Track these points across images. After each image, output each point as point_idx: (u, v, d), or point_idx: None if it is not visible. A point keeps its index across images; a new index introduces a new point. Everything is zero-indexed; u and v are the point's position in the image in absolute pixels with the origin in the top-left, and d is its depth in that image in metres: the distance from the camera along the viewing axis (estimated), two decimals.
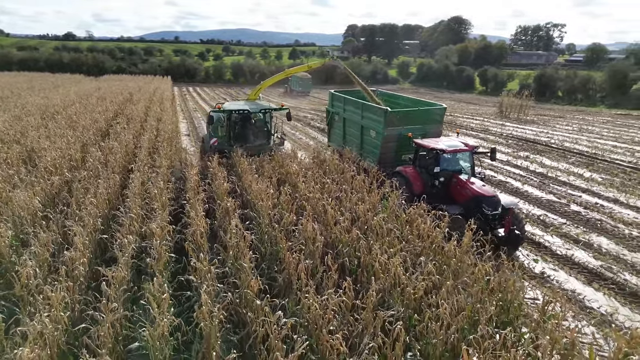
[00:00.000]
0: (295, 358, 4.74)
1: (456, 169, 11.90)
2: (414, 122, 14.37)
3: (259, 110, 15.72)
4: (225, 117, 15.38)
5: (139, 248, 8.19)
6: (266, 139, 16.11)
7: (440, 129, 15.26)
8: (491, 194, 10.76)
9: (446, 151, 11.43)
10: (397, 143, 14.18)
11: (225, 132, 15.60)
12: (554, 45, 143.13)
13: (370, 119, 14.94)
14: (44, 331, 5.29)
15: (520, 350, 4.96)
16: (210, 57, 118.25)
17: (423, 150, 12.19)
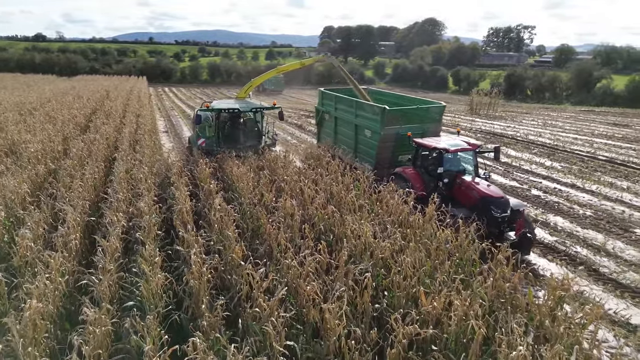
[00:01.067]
0: (276, 302, 5.41)
1: (459, 169, 11.19)
2: (412, 120, 13.73)
3: (249, 109, 14.78)
4: (214, 117, 14.43)
5: (128, 227, 8.71)
6: (257, 140, 15.22)
7: (439, 127, 14.59)
8: (500, 195, 10.07)
9: (449, 150, 10.76)
10: (395, 143, 13.47)
11: (213, 133, 14.58)
12: (524, 46, 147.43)
13: (365, 117, 14.26)
14: (46, 290, 5.81)
15: (469, 290, 5.79)
16: (186, 58, 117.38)
17: (424, 150, 11.53)
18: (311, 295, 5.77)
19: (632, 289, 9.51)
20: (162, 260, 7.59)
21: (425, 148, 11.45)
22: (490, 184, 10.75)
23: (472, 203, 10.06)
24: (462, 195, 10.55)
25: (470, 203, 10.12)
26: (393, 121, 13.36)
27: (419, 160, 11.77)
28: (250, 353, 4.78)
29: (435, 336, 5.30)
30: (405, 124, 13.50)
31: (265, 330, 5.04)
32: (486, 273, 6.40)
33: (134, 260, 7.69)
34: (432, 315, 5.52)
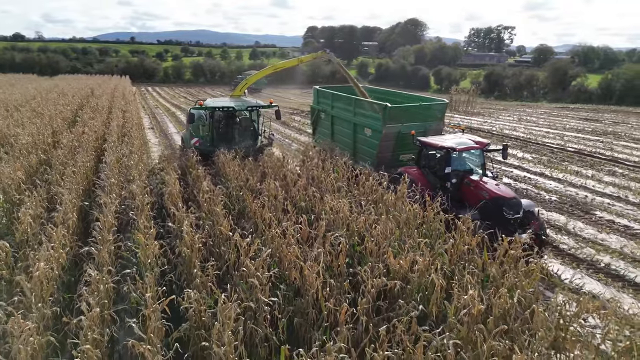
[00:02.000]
0: (261, 261, 6.10)
1: (467, 169, 10.85)
2: (414, 118, 13.24)
3: (245, 108, 14.05)
4: (208, 115, 13.90)
5: (121, 209, 9.28)
6: (253, 140, 14.61)
7: (441, 125, 14.13)
8: (512, 196, 9.73)
9: (457, 149, 10.33)
10: (396, 142, 13.08)
11: (207, 132, 14.03)
12: (505, 46, 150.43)
13: (365, 115, 13.82)
14: (50, 258, 6.39)
15: (437, 250, 6.60)
16: (169, 58, 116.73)
17: (429, 149, 11.08)
18: (292, 258, 6.46)
19: (587, 262, 10.45)
20: (155, 235, 8.21)
21: (430, 147, 10.94)
22: (499, 183, 10.38)
23: (482, 203, 9.40)
24: (470, 196, 10.02)
25: (477, 203, 9.43)
26: (394, 119, 12.85)
27: (423, 159, 11.26)
28: (238, 303, 5.44)
29: (401, 289, 6.04)
30: (407, 122, 12.96)
31: (252, 283, 5.72)
32: (448, 239, 7.21)
33: (128, 237, 8.29)
34: (399, 273, 6.27)
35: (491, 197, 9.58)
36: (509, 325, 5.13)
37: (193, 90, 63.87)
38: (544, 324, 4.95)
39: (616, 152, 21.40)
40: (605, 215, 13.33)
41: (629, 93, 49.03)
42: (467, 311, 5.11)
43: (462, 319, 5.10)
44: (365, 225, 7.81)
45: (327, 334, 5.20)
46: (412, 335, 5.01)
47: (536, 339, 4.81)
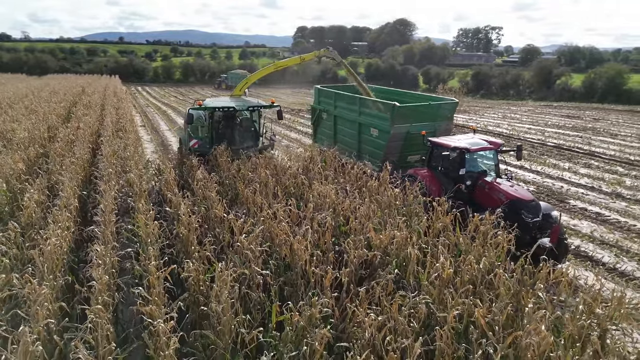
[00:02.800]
0: (254, 237, 6.68)
1: (480, 170, 10.50)
2: (423, 118, 12.81)
3: (246, 108, 13.50)
4: (207, 116, 13.33)
5: (120, 197, 9.78)
6: (254, 141, 14.04)
7: (450, 125, 13.72)
8: (530, 198, 9.38)
9: (471, 150, 10.02)
10: (404, 142, 12.63)
11: (207, 133, 13.44)
12: (493, 47, 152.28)
13: (371, 115, 13.36)
14: (58, 236, 6.89)
15: (414, 227, 7.25)
16: (158, 58, 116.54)
17: (441, 150, 10.55)
18: (283, 235, 7.04)
19: None
20: (154, 217, 8.74)
21: (442, 148, 10.49)
22: (514, 184, 10.11)
23: (496, 206, 8.85)
24: (485, 198, 9.65)
25: (494, 206, 8.89)
26: (403, 119, 12.42)
27: (434, 161, 10.86)
28: (234, 270, 6.00)
29: (381, 260, 6.66)
30: (415, 122, 12.54)
31: (246, 254, 6.30)
32: (425, 219, 7.87)
33: (128, 222, 8.81)
34: (379, 247, 6.90)
35: (508, 200, 9.14)
36: (476, 287, 5.78)
37: (183, 89, 64.11)
38: (505, 284, 5.60)
39: (593, 147, 22.31)
40: (579, 204, 14.11)
41: (610, 91, 50.41)
42: (438, 275, 5.75)
43: (434, 282, 5.74)
44: (350, 208, 8.41)
45: (314, 297, 5.77)
46: (389, 295, 5.63)
47: (498, 297, 5.45)
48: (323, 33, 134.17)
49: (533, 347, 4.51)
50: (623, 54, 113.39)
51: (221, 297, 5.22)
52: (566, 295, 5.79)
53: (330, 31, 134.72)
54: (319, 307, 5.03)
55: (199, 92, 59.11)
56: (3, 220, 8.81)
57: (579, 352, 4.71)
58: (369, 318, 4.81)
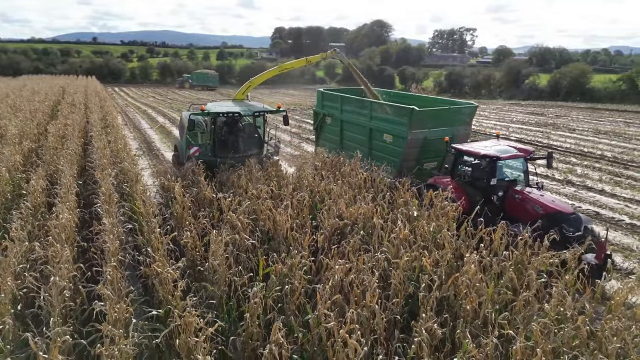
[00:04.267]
0: (241, 212, 7.76)
1: (510, 180, 9.86)
2: (441, 123, 12.15)
3: (252, 113, 12.69)
4: (210, 122, 12.37)
5: (115, 184, 10.69)
6: (258, 148, 13.14)
7: (468, 130, 13.14)
8: (570, 211, 8.86)
9: (501, 158, 9.38)
10: (421, 149, 11.98)
11: (208, 140, 12.43)
12: (467, 48, 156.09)
13: (385, 120, 12.61)
14: (66, 209, 7.83)
15: (379, 201, 8.47)
16: (134, 59, 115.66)
17: (468, 158, 10.03)
18: (266, 211, 8.15)
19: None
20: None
21: (469, 155, 9.94)
22: (548, 194, 9.80)
23: (532, 219, 8.13)
24: (517, 210, 9.02)
25: (528, 219, 8.23)
26: (421, 124, 11.78)
27: (458, 169, 10.26)
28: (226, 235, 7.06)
29: (351, 228, 7.85)
30: (433, 127, 11.94)
31: (235, 225, 7.38)
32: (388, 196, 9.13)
33: (123, 206, 9.75)
34: (350, 218, 8.08)
35: (547, 213, 8.56)
36: (427, 245, 7.02)
37: (161, 90, 64.16)
38: (449, 242, 6.87)
39: (552, 140, 24.10)
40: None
41: (574, 90, 53.19)
42: (395, 235, 6.96)
43: (392, 241, 6.95)
44: (325, 188, 9.57)
45: (294, 251, 6.88)
46: (356, 252, 6.80)
47: (441, 251, 6.71)
48: (301, 34, 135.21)
49: (467, 283, 5.74)
50: (592, 55, 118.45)
51: (217, 254, 6.29)
52: None
53: (308, 32, 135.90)
54: (298, 258, 6.16)
55: (177, 92, 59.42)
56: (7, 206, 9.63)
57: (499, 283, 6.03)
58: (339, 265, 5.97)
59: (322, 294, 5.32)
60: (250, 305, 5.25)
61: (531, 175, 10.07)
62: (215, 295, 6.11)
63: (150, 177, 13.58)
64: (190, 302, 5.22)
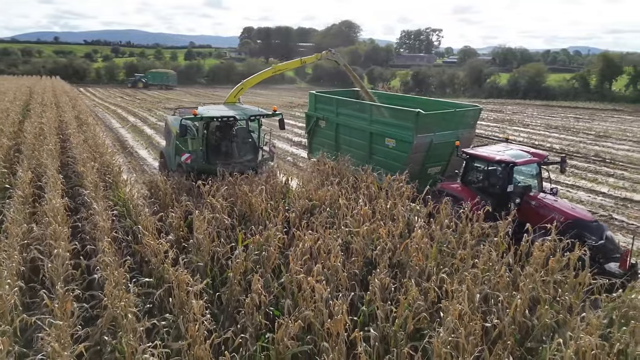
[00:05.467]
0: (221, 194, 8.65)
1: (525, 185, 9.62)
2: (446, 126, 11.72)
3: (248, 117, 11.84)
4: (202, 126, 11.57)
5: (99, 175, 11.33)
6: (253, 153, 12.48)
7: (473, 134, 12.75)
8: (592, 218, 8.61)
9: (518, 163, 9.10)
10: (426, 154, 11.52)
11: (201, 146, 11.58)
12: (434, 48, 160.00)
13: (387, 124, 12.14)
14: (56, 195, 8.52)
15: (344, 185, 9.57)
16: (99, 59, 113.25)
17: (482, 164, 9.73)
18: (242, 194, 9.06)
19: None
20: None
21: (482, 160, 9.65)
22: (564, 201, 9.65)
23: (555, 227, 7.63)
24: (533, 217, 8.48)
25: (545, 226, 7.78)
26: (426, 128, 11.32)
27: (470, 175, 9.99)
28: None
29: (319, 209, 8.87)
30: (439, 130, 11.50)
31: (215, 206, 8.28)
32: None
33: (110, 194, 10.43)
34: (318, 200, 9.11)
35: (567, 220, 8.19)
36: (384, 221, 8.13)
37: (128, 90, 63.46)
38: (402, 214, 8.00)
39: (506, 135, 25.87)
40: None
41: (531, 88, 56.17)
42: (357, 212, 8.04)
43: (355, 216, 8.02)
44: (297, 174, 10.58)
45: (269, 224, 7.83)
46: (323, 226, 7.82)
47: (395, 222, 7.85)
48: (270, 34, 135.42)
49: (416, 247, 6.86)
50: (552, 55, 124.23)
51: (200, 229, 7.18)
52: None
53: (277, 32, 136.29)
54: (273, 230, 7.13)
55: (146, 93, 58.99)
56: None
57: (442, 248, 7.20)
58: (308, 236, 6.98)
59: (294, 256, 6.31)
60: (233, 266, 6.18)
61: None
62: (200, 265, 6.99)
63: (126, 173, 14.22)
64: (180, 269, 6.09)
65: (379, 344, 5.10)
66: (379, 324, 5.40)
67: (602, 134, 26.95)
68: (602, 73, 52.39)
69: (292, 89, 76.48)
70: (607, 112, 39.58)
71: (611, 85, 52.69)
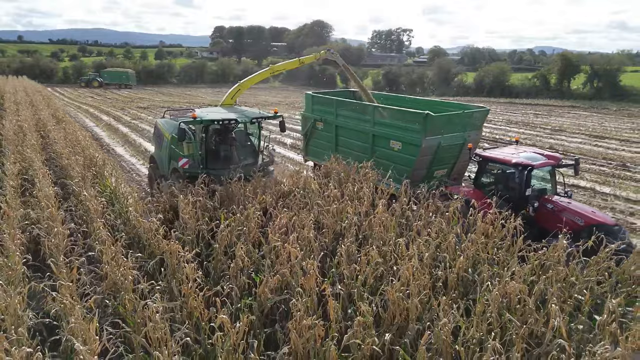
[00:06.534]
0: (200, 183, 9.47)
1: (541, 189, 9.59)
2: (454, 128, 11.50)
3: (250, 120, 11.31)
4: (201, 130, 11.14)
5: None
6: (254, 157, 12.01)
7: (479, 136, 12.52)
8: (613, 222, 8.52)
9: (535, 166, 8.99)
10: (433, 156, 11.27)
11: (200, 150, 11.03)
12: (405, 48, 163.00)
13: (392, 126, 11.85)
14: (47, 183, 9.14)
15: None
16: (65, 58, 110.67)
17: (497, 167, 9.62)
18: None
19: None
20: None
21: (497, 163, 9.55)
22: (581, 204, 9.58)
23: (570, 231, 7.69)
24: (550, 220, 8.47)
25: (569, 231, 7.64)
26: (435, 130, 11.04)
27: (484, 178, 9.93)
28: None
29: (295, 193, 9.80)
30: (447, 132, 11.27)
31: (197, 191, 9.11)
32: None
33: (97, 183, 11.04)
34: (294, 185, 10.04)
35: (589, 224, 8.13)
36: (352, 200, 9.13)
37: (98, 90, 62.65)
38: (368, 196, 9.04)
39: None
40: None
41: (496, 86, 58.70)
42: (328, 194, 9.02)
43: (326, 198, 9.00)
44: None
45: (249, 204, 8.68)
46: (298, 207, 8.75)
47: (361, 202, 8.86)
48: (242, 33, 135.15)
49: (378, 221, 7.88)
50: (518, 55, 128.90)
51: (186, 211, 7.99)
52: None
53: (249, 31, 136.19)
54: (252, 210, 8.02)
55: (116, 93, 58.43)
56: None
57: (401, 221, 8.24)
58: (284, 213, 7.90)
59: (272, 229, 7.22)
60: (218, 239, 7.04)
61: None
62: (188, 240, 7.80)
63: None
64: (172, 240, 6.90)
65: (344, 295, 6.06)
66: (345, 282, 6.36)
67: (558, 128, 28.90)
68: (561, 72, 55.24)
69: (265, 87, 77.09)
70: (565, 108, 42.03)
71: (570, 84, 55.58)
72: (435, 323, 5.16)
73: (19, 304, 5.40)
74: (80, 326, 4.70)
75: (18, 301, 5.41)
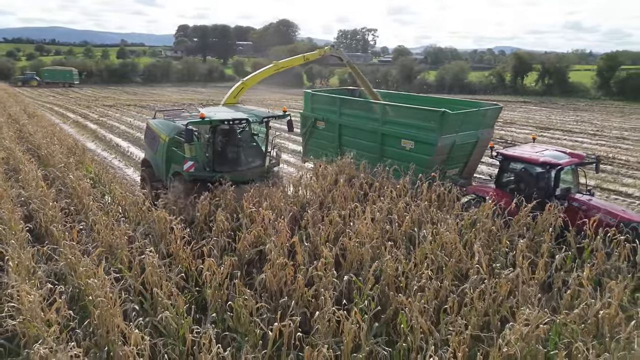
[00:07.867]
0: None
1: (566, 188, 9.35)
2: (469, 126, 11.28)
3: (261, 119, 10.67)
4: (208, 131, 10.48)
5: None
6: (261, 159, 11.33)
7: (491, 134, 12.33)
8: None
9: (563, 165, 8.85)
10: (447, 155, 11.04)
11: (205, 152, 10.42)
12: (370, 47, 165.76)
13: (404, 125, 11.47)
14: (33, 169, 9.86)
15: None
16: (22, 57, 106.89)
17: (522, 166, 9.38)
18: None
19: None
20: None
21: (522, 162, 9.36)
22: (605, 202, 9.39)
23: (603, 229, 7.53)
24: (576, 218, 8.26)
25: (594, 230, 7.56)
26: (450, 128, 10.80)
27: (506, 178, 9.77)
28: None
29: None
30: (461, 131, 11.02)
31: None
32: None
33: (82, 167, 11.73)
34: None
35: (621, 222, 8.05)
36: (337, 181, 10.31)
37: (59, 89, 61.25)
38: (355, 188, 10.24)
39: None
40: None
41: (455, 84, 61.53)
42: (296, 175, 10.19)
43: (295, 177, 10.14)
44: None
45: None
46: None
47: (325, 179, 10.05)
48: (206, 32, 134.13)
49: (339, 194, 9.10)
50: (479, 54, 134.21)
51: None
52: None
53: (214, 30, 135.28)
54: (226, 185, 9.08)
55: (78, 92, 57.38)
56: None
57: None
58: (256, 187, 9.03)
59: (247, 199, 8.35)
60: (199, 208, 8.09)
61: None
62: (173, 209, 8.77)
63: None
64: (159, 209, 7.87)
65: (310, 249, 7.24)
66: (311, 239, 7.54)
67: (509, 121, 31.13)
68: (515, 70, 58.55)
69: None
70: (518, 103, 44.85)
71: (523, 81, 58.94)
72: (383, 260, 6.42)
73: (28, 260, 6.27)
74: (89, 270, 5.65)
75: (27, 258, 6.28)
